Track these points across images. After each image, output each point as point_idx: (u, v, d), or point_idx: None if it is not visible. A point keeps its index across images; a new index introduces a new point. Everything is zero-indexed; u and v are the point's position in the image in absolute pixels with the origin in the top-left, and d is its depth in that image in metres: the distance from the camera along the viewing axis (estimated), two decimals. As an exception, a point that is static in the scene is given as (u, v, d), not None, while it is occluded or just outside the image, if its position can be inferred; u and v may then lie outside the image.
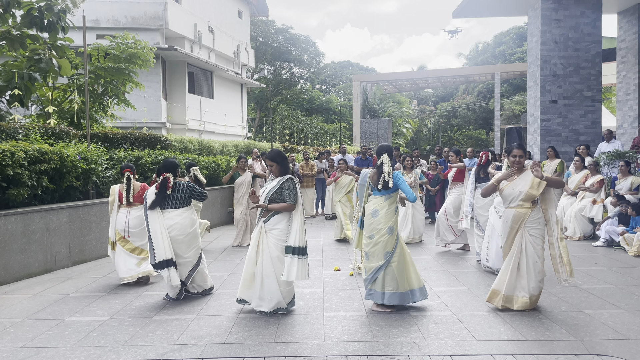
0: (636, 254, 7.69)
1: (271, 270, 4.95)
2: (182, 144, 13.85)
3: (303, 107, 41.15)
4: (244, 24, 28.46)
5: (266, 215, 5.04)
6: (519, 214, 5.02)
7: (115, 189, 6.54)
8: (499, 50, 49.38)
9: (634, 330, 4.50)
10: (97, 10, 19.46)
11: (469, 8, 17.39)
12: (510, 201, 5.10)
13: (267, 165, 5.13)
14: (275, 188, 5.01)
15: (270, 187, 5.05)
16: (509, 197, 5.09)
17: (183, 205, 5.68)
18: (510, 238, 5.10)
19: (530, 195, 4.96)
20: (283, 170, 5.10)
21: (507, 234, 5.13)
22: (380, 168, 5.28)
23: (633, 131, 15.57)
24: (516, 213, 5.03)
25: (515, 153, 5.15)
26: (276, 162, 5.07)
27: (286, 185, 5.01)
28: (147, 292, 6.06)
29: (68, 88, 11.74)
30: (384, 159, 5.26)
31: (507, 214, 5.13)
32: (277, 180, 5.08)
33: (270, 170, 5.13)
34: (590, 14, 14.41)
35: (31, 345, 4.36)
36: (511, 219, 5.05)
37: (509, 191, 5.08)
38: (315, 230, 10.99)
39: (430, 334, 4.50)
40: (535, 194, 4.96)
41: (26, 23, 7.92)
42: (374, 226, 5.21)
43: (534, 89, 15.08)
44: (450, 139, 49.03)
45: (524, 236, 5.02)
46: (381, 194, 5.28)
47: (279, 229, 4.99)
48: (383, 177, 5.20)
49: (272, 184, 5.09)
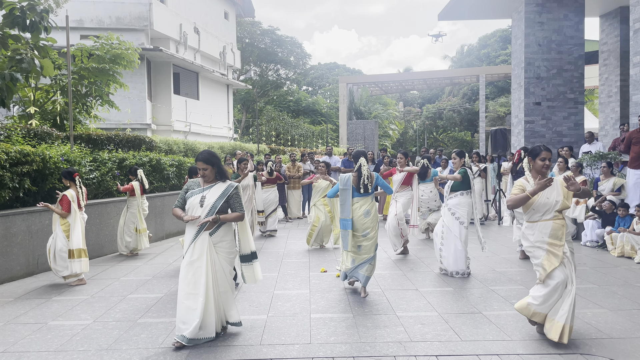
0: (619, 254, 7.80)
1: (227, 284, 4.49)
2: (167, 145, 13.76)
3: (289, 108, 41.13)
4: (230, 25, 28.37)
5: (211, 228, 4.39)
6: (557, 226, 4.28)
7: (73, 195, 6.53)
8: (483, 52, 49.91)
9: (617, 330, 4.56)
10: (80, 11, 19.27)
11: (454, 11, 17.54)
12: (544, 212, 4.31)
13: (201, 168, 4.41)
14: (223, 199, 4.40)
15: (215, 197, 4.40)
16: (543, 207, 4.30)
17: None
18: (553, 255, 4.24)
19: (565, 206, 4.30)
20: (219, 173, 4.48)
21: (547, 251, 4.27)
22: (359, 171, 5.78)
23: (615, 133, 15.82)
24: (555, 225, 4.28)
25: (544, 156, 4.35)
26: (211, 164, 4.41)
27: (234, 195, 4.46)
28: (131, 295, 6.00)
29: (51, 89, 11.59)
30: (361, 162, 5.79)
31: (543, 228, 4.29)
32: (221, 189, 4.44)
33: (203, 174, 4.42)
34: (573, 17, 14.61)
35: (13, 350, 4.28)
36: (550, 233, 4.27)
37: (544, 201, 4.30)
38: (301, 232, 10.97)
39: (417, 334, 4.51)
40: (569, 204, 4.35)
41: (8, 23, 7.80)
42: (368, 225, 5.78)
43: (518, 91, 15.25)
44: (436, 140, 49.39)
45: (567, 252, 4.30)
46: (367, 195, 5.84)
47: (227, 240, 4.48)
48: (363, 181, 5.75)
49: (213, 193, 4.42)
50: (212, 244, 4.41)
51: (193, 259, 4.35)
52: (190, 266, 4.34)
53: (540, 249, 4.31)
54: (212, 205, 4.37)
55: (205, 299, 4.29)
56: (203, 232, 4.38)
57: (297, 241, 9.78)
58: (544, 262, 4.28)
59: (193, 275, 4.32)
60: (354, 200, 5.82)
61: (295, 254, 8.44)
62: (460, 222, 6.72)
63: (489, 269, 7.07)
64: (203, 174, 4.43)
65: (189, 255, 4.37)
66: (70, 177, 6.61)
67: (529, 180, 4.41)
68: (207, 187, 4.47)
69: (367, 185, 5.76)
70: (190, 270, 4.34)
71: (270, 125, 32.00)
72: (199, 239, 4.37)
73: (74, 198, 6.51)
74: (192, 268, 4.34)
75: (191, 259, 4.35)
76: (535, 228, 4.33)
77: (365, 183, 5.75)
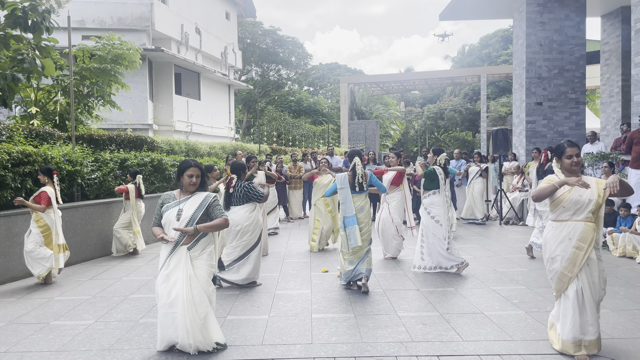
0: (621, 255, 7.79)
1: (207, 302, 4.13)
2: (168, 145, 13.77)
3: (291, 108, 41.15)
4: (231, 25, 28.39)
5: (190, 241, 4.13)
6: (588, 230, 3.88)
7: (52, 191, 6.64)
8: (484, 52, 49.88)
9: (619, 330, 4.55)
10: (82, 11, 19.29)
11: (455, 11, 17.53)
12: (575, 212, 3.92)
13: (194, 175, 4.19)
14: (202, 210, 4.14)
15: (194, 209, 4.14)
16: (574, 206, 3.91)
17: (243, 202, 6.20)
18: (578, 261, 3.89)
19: (598, 206, 3.90)
20: (203, 184, 4.27)
21: (573, 255, 3.91)
22: (354, 170, 6.06)
23: (616, 133, 15.80)
24: (586, 228, 3.88)
25: (570, 152, 3.98)
26: (202, 172, 4.24)
27: (213, 203, 4.22)
28: (133, 295, 6.01)
29: (52, 89, 11.60)
30: (355, 162, 6.06)
31: (571, 230, 3.93)
32: (199, 200, 4.19)
33: (193, 182, 4.18)
34: (575, 17, 14.60)
35: (15, 350, 4.29)
36: (578, 236, 3.89)
37: (576, 198, 3.90)
38: (303, 232, 10.98)
39: (418, 334, 4.51)
40: (602, 204, 3.94)
41: (10, 23, 7.81)
42: (362, 219, 6.05)
43: (520, 91, 15.24)
44: (437, 140, 49.37)
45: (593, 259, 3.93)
46: (362, 192, 6.13)
47: (207, 252, 4.20)
48: (357, 179, 6.03)
49: (191, 204, 4.16)
50: (190, 258, 4.11)
51: (167, 273, 4.07)
52: (166, 283, 4.06)
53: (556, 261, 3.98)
54: (191, 217, 4.10)
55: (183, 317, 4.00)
56: (180, 247, 4.10)
57: (298, 241, 9.78)
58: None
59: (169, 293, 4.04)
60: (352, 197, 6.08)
61: (297, 254, 8.44)
62: (436, 221, 6.86)
63: (491, 269, 7.07)
64: (193, 182, 4.17)
65: (163, 270, 4.09)
66: (49, 174, 6.71)
67: (560, 177, 4.03)
68: (183, 199, 4.19)
69: (362, 183, 6.06)
70: (167, 288, 4.06)
71: (271, 125, 32.01)
72: (175, 253, 4.09)
73: (52, 194, 6.60)
74: (168, 285, 4.06)
75: (165, 273, 4.08)
76: (562, 228, 3.96)
77: (360, 181, 6.04)
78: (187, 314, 4.00)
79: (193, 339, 4.02)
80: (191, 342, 4.03)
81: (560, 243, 3.96)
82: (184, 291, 4.01)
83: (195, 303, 4.04)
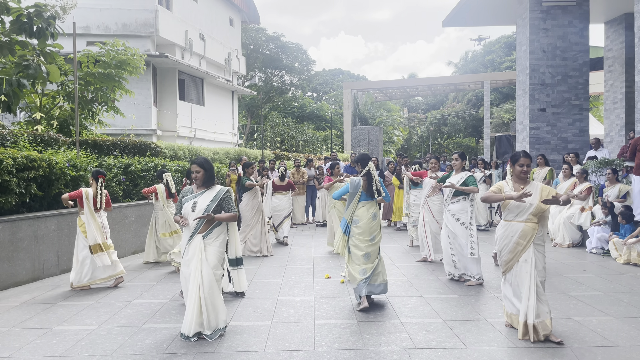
0: (625, 262, 7.75)
1: (215, 283, 4.65)
2: (172, 151, 13.81)
3: (294, 114, 41.24)
4: (235, 31, 28.51)
5: (206, 230, 4.69)
6: (528, 229, 4.52)
7: (89, 193, 6.65)
8: (488, 58, 49.90)
9: (623, 337, 4.53)
10: (87, 17, 19.41)
11: (458, 17, 17.57)
12: (517, 214, 4.58)
13: (194, 171, 4.76)
14: (215, 202, 4.70)
15: (208, 201, 4.70)
16: (516, 209, 4.57)
17: None
18: (515, 255, 4.58)
19: (540, 209, 4.51)
20: (208, 178, 4.79)
21: (510, 250, 4.60)
22: (369, 176, 5.75)
23: (620, 139, 15.77)
24: (525, 228, 4.53)
25: (522, 162, 4.66)
26: (204, 168, 4.74)
27: (226, 198, 4.76)
28: (136, 300, 6.01)
29: (57, 95, 11.67)
30: (370, 167, 5.77)
31: (512, 229, 4.60)
32: (213, 193, 4.76)
33: (195, 176, 4.76)
34: (578, 24, 14.60)
35: (18, 355, 4.30)
36: (519, 235, 4.55)
37: (518, 202, 4.54)
38: (306, 238, 10.97)
39: (421, 341, 4.50)
40: (545, 208, 4.53)
41: (15, 29, 7.88)
42: (375, 228, 5.72)
43: (523, 97, 15.23)
44: (441, 146, 49.33)
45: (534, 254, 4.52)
46: (374, 198, 5.78)
47: (220, 240, 4.76)
48: (375, 185, 5.73)
49: (205, 198, 4.73)
50: (204, 245, 4.67)
51: (187, 259, 4.68)
52: (186, 267, 4.67)
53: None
54: (205, 209, 4.66)
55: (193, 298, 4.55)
56: (197, 235, 4.67)
57: (301, 247, 9.77)
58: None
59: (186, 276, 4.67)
60: (361, 204, 5.73)
61: (300, 260, 8.44)
62: (465, 227, 6.70)
63: (494, 276, 7.04)
64: (195, 177, 4.76)
65: (184, 257, 4.71)
66: (94, 177, 6.81)
67: (509, 183, 4.75)
68: (199, 192, 4.79)
69: (380, 189, 5.75)
70: (186, 271, 4.67)
71: (274, 131, 32.08)
72: (192, 242, 4.68)
73: (88, 196, 6.61)
74: (188, 268, 4.66)
75: (186, 259, 4.69)
76: (507, 227, 4.65)
77: (378, 187, 5.74)
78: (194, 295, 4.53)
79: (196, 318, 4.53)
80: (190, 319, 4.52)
81: (504, 239, 4.66)
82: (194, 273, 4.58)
83: (204, 283, 4.56)
